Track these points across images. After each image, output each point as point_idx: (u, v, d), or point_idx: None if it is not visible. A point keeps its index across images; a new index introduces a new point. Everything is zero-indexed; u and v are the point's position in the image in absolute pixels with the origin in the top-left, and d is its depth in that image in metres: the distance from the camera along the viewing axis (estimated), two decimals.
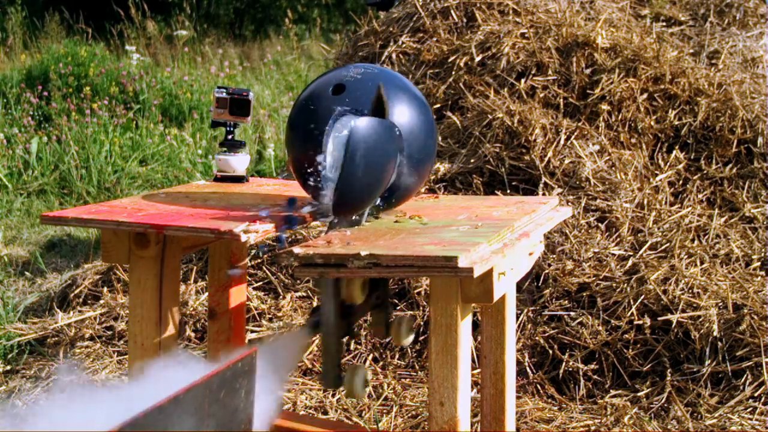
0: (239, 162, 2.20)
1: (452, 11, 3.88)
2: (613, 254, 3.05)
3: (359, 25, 4.21)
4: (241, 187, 2.15)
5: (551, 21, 3.76)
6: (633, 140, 3.45)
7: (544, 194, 3.20)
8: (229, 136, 2.21)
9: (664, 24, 4.15)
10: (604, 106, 3.45)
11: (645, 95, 3.53)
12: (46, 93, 7.09)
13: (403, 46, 3.81)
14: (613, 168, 3.31)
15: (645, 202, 3.26)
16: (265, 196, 2.03)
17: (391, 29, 3.96)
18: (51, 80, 7.28)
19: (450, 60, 3.70)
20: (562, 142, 3.36)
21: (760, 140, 3.42)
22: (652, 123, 3.46)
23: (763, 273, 3.02)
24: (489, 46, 3.72)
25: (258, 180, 2.34)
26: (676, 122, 3.50)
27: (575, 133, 3.39)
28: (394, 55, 3.83)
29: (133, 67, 7.71)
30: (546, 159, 3.29)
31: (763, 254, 3.08)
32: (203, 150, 6.40)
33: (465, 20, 3.85)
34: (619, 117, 3.46)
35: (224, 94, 2.19)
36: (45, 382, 2.90)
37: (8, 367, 3.04)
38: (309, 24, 11.48)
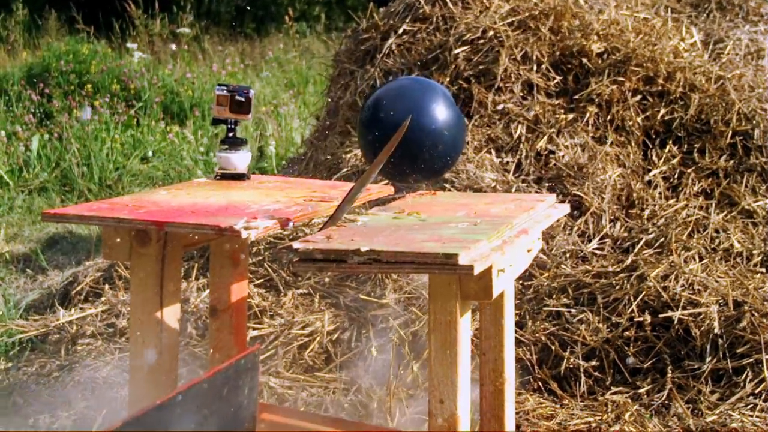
0: (240, 159, 2.20)
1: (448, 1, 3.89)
2: (611, 250, 3.06)
3: (359, 22, 4.22)
4: (242, 185, 2.16)
5: (547, 10, 3.75)
6: (621, 138, 3.45)
7: (538, 190, 3.21)
8: (231, 134, 2.21)
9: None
10: (594, 105, 3.46)
11: (638, 96, 3.53)
12: (47, 90, 7.09)
13: (404, 38, 3.81)
14: (603, 162, 3.32)
15: (638, 197, 3.26)
16: (266, 193, 2.03)
17: (391, 22, 3.97)
18: (52, 78, 7.28)
19: (444, 53, 3.70)
20: (551, 136, 3.37)
21: (756, 132, 3.42)
22: (639, 121, 3.46)
23: (763, 270, 3.02)
24: (481, 37, 3.71)
25: (259, 177, 2.34)
26: (667, 117, 3.50)
27: (565, 128, 3.39)
28: (394, 46, 3.84)
29: (134, 65, 7.70)
30: (537, 154, 3.29)
31: (762, 248, 3.09)
32: (205, 147, 6.40)
33: (461, 7, 3.86)
34: (612, 112, 3.46)
35: (225, 91, 2.19)
36: (46, 378, 2.91)
37: (10, 364, 3.05)
38: (310, 21, 11.47)
